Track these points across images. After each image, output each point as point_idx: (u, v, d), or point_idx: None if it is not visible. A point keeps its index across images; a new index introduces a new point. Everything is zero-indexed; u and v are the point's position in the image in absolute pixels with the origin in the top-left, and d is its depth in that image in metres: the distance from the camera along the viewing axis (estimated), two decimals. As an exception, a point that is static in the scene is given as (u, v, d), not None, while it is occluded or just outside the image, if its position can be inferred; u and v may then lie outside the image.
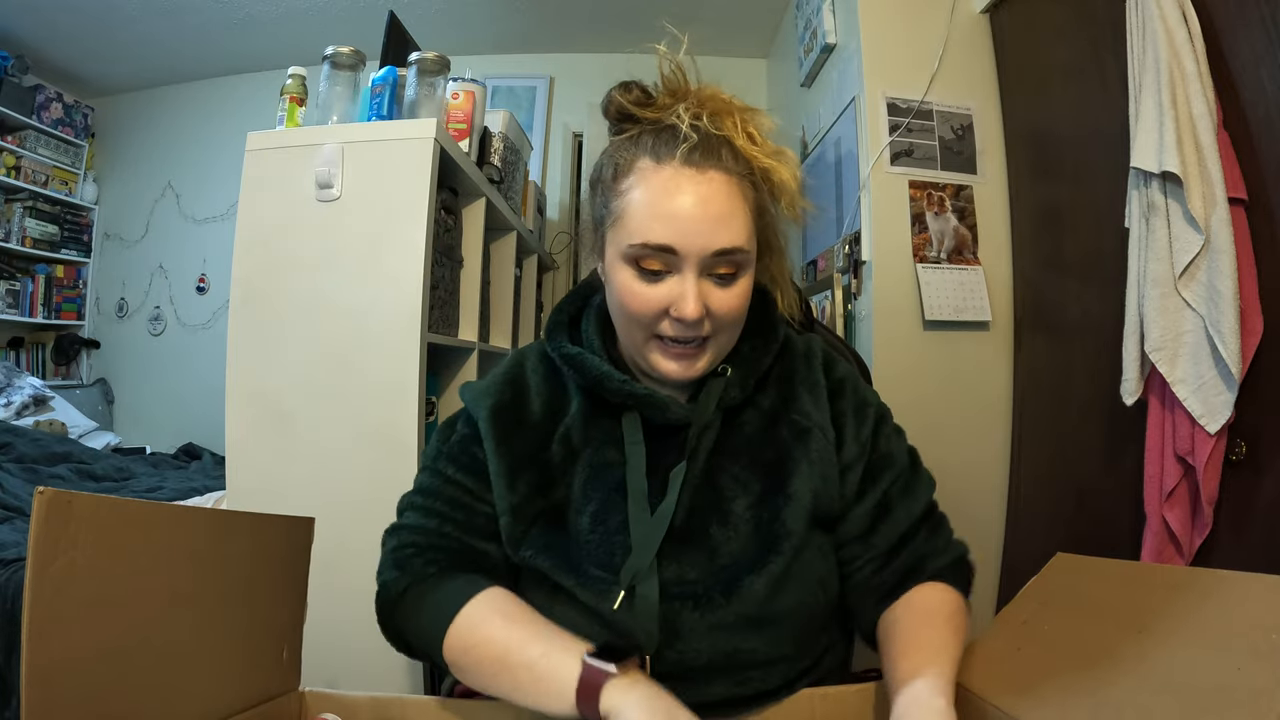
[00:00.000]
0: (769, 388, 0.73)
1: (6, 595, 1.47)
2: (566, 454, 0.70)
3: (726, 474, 0.69)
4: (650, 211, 0.62)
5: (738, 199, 0.63)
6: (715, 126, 0.64)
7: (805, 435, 0.70)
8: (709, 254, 0.61)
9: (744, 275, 0.65)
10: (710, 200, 0.61)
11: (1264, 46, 1.18)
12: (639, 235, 0.62)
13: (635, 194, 0.63)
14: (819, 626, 0.70)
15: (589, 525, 0.67)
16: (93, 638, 0.45)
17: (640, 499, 0.66)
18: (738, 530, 0.66)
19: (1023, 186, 1.90)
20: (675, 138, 0.63)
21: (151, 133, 3.54)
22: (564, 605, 0.66)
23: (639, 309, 0.64)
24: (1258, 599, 0.51)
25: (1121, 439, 1.46)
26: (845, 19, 2.12)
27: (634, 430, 0.68)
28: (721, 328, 0.65)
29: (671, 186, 0.62)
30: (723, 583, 0.64)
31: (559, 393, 0.73)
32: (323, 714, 0.64)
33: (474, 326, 1.70)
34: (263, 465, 1.30)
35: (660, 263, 0.62)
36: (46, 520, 0.43)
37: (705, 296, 0.62)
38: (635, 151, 0.64)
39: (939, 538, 0.72)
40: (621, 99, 0.67)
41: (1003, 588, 1.83)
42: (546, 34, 3.10)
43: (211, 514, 0.62)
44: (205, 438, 3.07)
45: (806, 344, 0.76)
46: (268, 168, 1.34)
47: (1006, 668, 0.62)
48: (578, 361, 0.70)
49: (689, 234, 0.61)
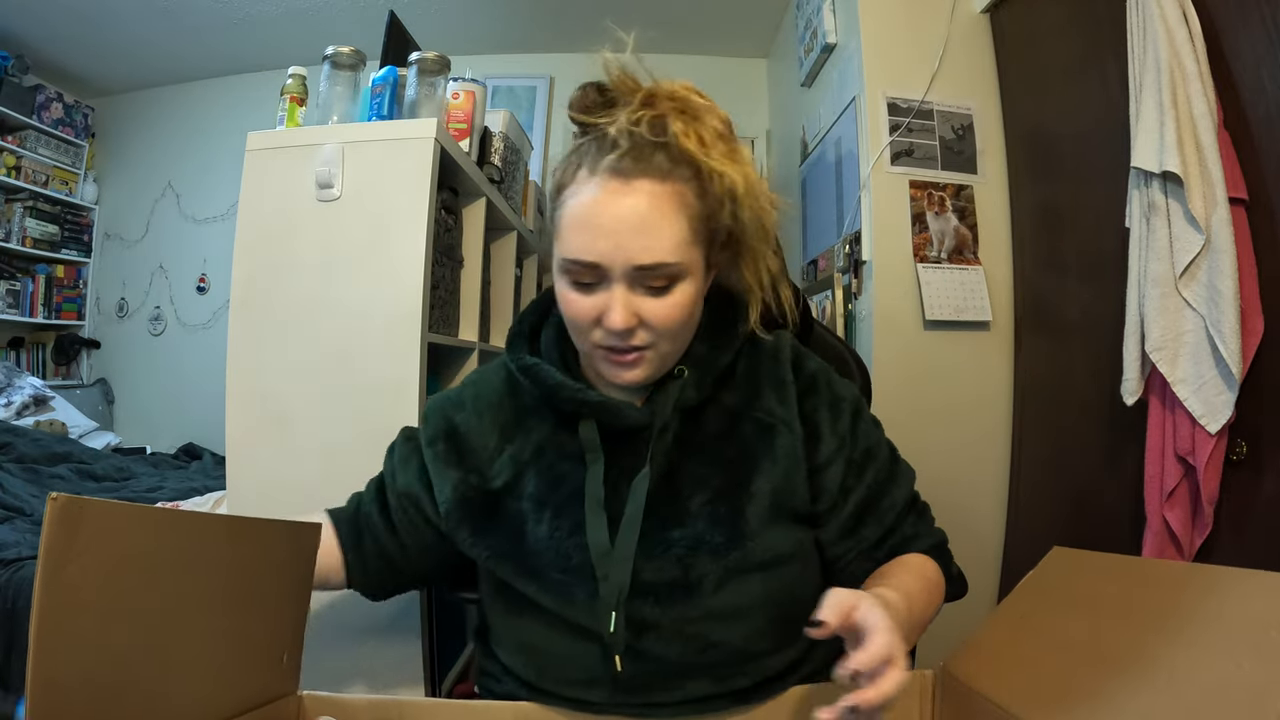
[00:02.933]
0: (734, 387, 0.73)
1: (6, 595, 1.47)
2: (524, 461, 0.72)
3: (684, 473, 0.69)
4: (577, 227, 0.62)
5: (668, 209, 0.61)
6: (656, 132, 0.62)
7: (769, 431, 0.70)
8: (631, 269, 0.61)
9: (680, 285, 0.63)
10: (632, 214, 0.60)
11: (1264, 46, 1.18)
12: (569, 251, 0.63)
13: (568, 207, 0.63)
14: (796, 618, 0.67)
15: (546, 533, 0.68)
16: (98, 644, 0.45)
17: (595, 506, 0.66)
18: (694, 526, 0.66)
19: (1023, 186, 1.89)
20: (608, 145, 0.62)
21: (151, 133, 3.54)
22: (528, 612, 0.69)
23: (575, 317, 0.65)
24: (1258, 596, 0.51)
25: (1122, 439, 1.46)
26: (845, 19, 2.11)
27: (591, 438, 0.68)
28: (660, 336, 0.65)
29: (597, 201, 0.61)
30: (682, 577, 0.65)
31: (519, 403, 0.75)
32: (321, 717, 0.64)
33: (474, 326, 1.69)
34: (263, 465, 1.30)
35: (591, 275, 0.63)
36: (59, 526, 0.42)
37: (637, 307, 0.62)
38: (575, 161, 0.64)
39: (923, 523, 0.75)
40: (572, 108, 0.67)
41: (1003, 588, 1.83)
42: (546, 34, 3.10)
43: (222, 520, 0.61)
44: (205, 438, 3.07)
45: (775, 343, 0.76)
46: (268, 168, 1.34)
47: (1003, 662, 0.62)
48: (533, 372, 0.71)
49: (610, 250, 0.61)
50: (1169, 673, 0.50)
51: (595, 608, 0.65)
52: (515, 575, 0.69)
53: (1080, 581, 0.66)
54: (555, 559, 0.67)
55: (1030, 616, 0.65)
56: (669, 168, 0.62)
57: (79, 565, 0.43)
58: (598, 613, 0.64)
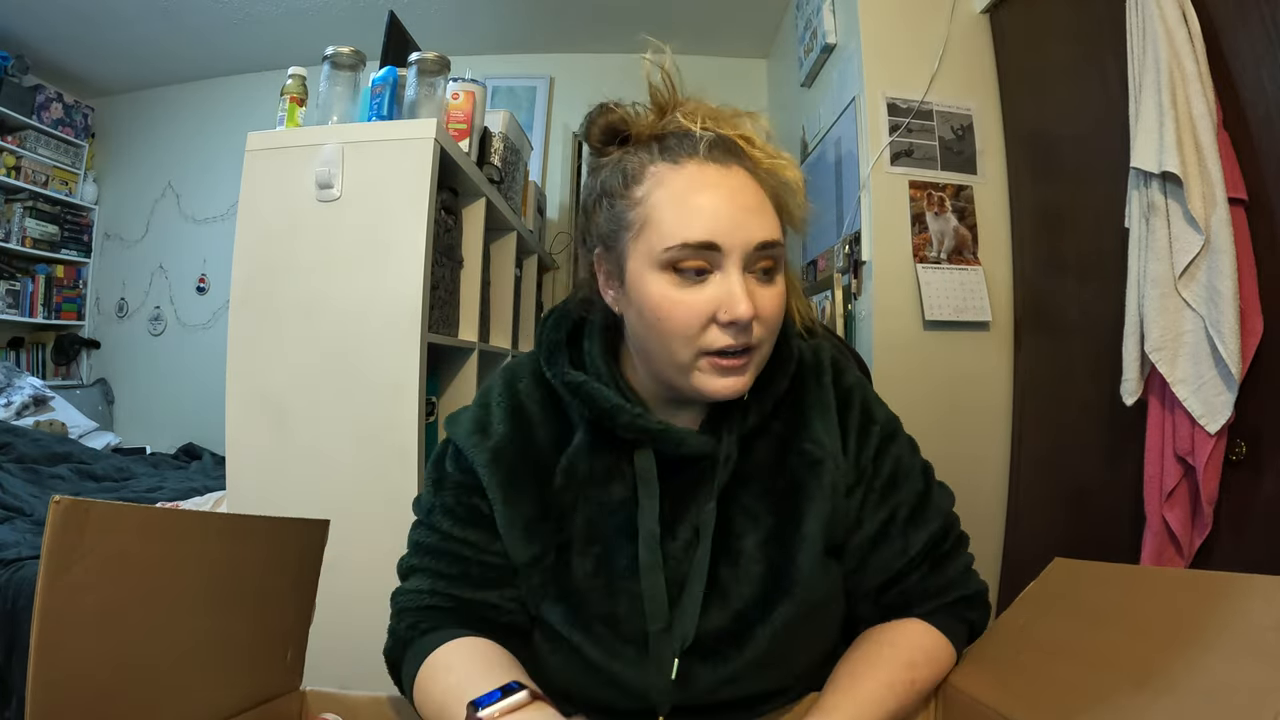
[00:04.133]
0: (781, 411, 0.67)
1: (6, 595, 1.47)
2: (570, 488, 0.65)
3: (737, 506, 0.64)
4: (682, 210, 0.57)
5: (764, 194, 0.60)
6: (720, 128, 0.61)
7: (817, 467, 0.65)
8: (752, 247, 0.57)
9: (780, 273, 0.61)
10: (741, 193, 0.58)
11: (1264, 46, 1.18)
12: (674, 236, 0.56)
13: (658, 196, 0.58)
14: (827, 657, 0.66)
15: (592, 569, 0.63)
16: (99, 645, 0.45)
17: (652, 543, 0.61)
18: (748, 571, 0.62)
19: (1023, 186, 1.90)
20: (689, 138, 0.59)
21: (151, 133, 3.54)
22: (568, 658, 0.63)
23: (683, 319, 0.57)
24: (1257, 599, 0.51)
25: (1121, 439, 1.46)
26: (845, 19, 2.11)
27: (647, 469, 0.63)
28: (768, 332, 0.60)
29: (699, 183, 0.58)
30: (733, 634, 0.61)
31: (561, 422, 0.67)
32: (324, 714, 0.64)
33: (474, 326, 1.70)
34: (263, 465, 1.30)
35: (701, 261, 0.57)
36: (62, 529, 0.42)
37: (752, 295, 0.57)
38: (644, 158, 0.60)
39: (936, 576, 0.66)
40: (607, 119, 0.63)
41: (1003, 588, 1.83)
42: (546, 34, 3.10)
43: (228, 519, 0.61)
44: (205, 438, 3.07)
45: (815, 354, 0.70)
46: (268, 168, 1.34)
47: (1005, 673, 0.62)
48: (584, 391, 0.63)
49: (729, 228, 0.56)
50: (1169, 679, 0.50)
51: (643, 661, 0.60)
52: (561, 620, 0.63)
53: (1081, 591, 0.65)
54: (601, 605, 0.62)
55: (1031, 626, 0.65)
56: (749, 160, 0.61)
57: (82, 568, 0.43)
58: (644, 666, 0.60)
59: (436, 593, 0.64)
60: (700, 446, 0.62)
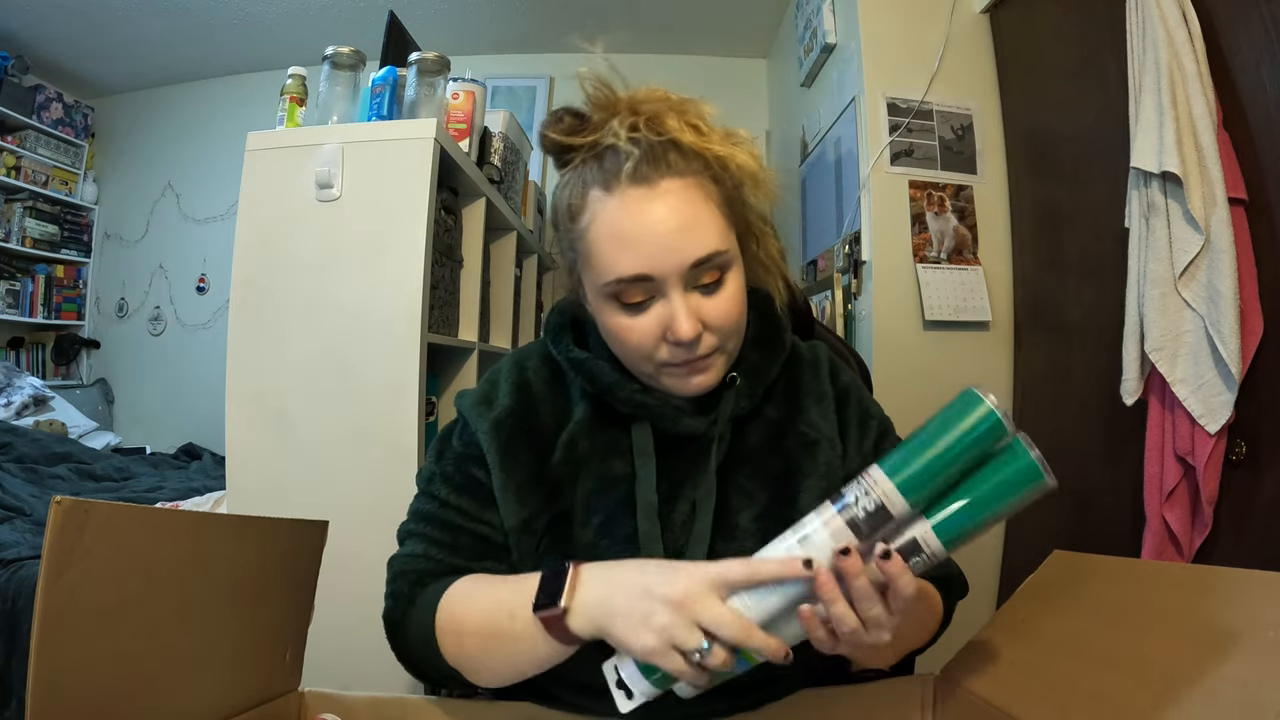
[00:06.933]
0: (775, 398, 0.71)
1: (6, 595, 1.47)
2: (571, 462, 0.67)
3: (732, 485, 0.66)
4: (613, 245, 0.59)
5: (699, 201, 0.60)
6: (656, 131, 0.60)
7: (813, 447, 0.68)
8: (686, 267, 0.58)
9: (730, 276, 0.62)
10: (670, 213, 0.58)
11: (1264, 46, 1.18)
12: (610, 272, 0.59)
13: (595, 231, 0.60)
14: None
15: (593, 538, 0.64)
16: (99, 645, 0.45)
17: (650, 513, 0.63)
18: (744, 546, 0.63)
19: (1023, 186, 1.90)
20: (617, 158, 0.59)
21: (151, 133, 3.54)
22: None
23: (636, 342, 0.61)
24: (1256, 596, 0.51)
25: (1121, 439, 1.46)
26: (845, 19, 2.11)
27: (644, 442, 0.66)
28: (725, 336, 0.62)
29: (626, 212, 0.58)
30: None
31: (564, 398, 0.71)
32: (322, 714, 0.64)
33: (474, 326, 1.69)
34: (263, 465, 1.30)
35: (641, 292, 0.59)
36: (62, 529, 0.42)
37: (697, 311, 0.59)
38: (583, 184, 0.61)
39: None
40: (552, 134, 0.63)
41: (1002, 588, 1.83)
42: (546, 34, 3.10)
43: (227, 520, 0.61)
44: (205, 438, 3.07)
45: (813, 352, 0.74)
46: (268, 168, 1.34)
47: (1004, 665, 0.62)
48: (586, 367, 0.67)
49: (658, 255, 0.57)
50: (1168, 674, 0.50)
51: None
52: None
53: (1080, 584, 0.66)
54: None
55: (1030, 620, 0.65)
56: (683, 163, 0.60)
57: (82, 569, 0.43)
58: None
59: (430, 557, 0.67)
60: (694, 427, 0.66)
